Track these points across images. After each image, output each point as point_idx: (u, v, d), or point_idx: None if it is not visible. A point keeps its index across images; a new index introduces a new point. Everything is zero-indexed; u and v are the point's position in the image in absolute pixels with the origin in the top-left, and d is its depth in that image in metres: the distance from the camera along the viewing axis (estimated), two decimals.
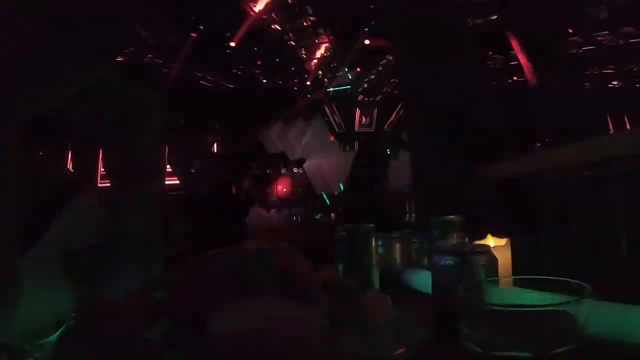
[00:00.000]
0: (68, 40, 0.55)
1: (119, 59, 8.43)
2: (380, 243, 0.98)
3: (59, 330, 0.37)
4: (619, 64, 9.69)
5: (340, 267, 0.80)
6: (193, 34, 7.91)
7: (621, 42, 8.31)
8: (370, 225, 0.82)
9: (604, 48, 8.54)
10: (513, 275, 0.72)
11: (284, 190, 10.91)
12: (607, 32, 7.99)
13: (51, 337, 0.36)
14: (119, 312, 0.32)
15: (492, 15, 6.65)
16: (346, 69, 10.99)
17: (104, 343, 0.30)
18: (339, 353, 0.32)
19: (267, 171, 12.46)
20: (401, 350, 0.39)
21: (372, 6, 6.63)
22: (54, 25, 0.62)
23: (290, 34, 9.05)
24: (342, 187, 7.28)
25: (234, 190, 6.65)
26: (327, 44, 9.64)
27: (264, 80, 11.33)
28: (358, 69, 11.18)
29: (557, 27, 3.75)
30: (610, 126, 10.67)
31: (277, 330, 0.31)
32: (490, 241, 0.81)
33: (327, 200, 7.38)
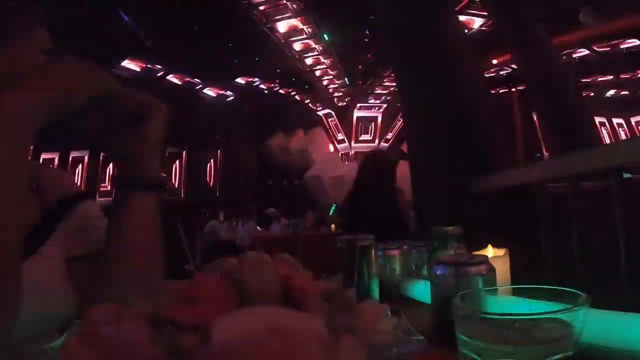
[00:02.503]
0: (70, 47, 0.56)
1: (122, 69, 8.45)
2: (379, 253, 0.98)
3: (63, 336, 0.37)
4: (617, 72, 9.74)
5: (340, 277, 0.81)
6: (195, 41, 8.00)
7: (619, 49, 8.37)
8: (370, 235, 0.83)
9: (602, 56, 8.60)
10: (511, 285, 0.72)
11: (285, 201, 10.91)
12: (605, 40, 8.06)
13: (55, 343, 0.37)
14: (121, 320, 0.33)
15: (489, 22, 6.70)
16: (348, 81, 11.05)
17: (106, 350, 0.31)
18: None
19: (269, 182, 12.46)
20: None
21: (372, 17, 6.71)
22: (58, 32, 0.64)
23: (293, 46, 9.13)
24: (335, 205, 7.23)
25: None
26: (330, 59, 9.72)
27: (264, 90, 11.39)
28: (360, 82, 11.23)
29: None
30: (609, 135, 10.69)
31: (278, 339, 0.31)
32: (489, 251, 0.82)
33: (331, 211, 7.37)
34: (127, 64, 8.97)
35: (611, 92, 10.93)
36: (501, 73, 9.64)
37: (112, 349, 0.30)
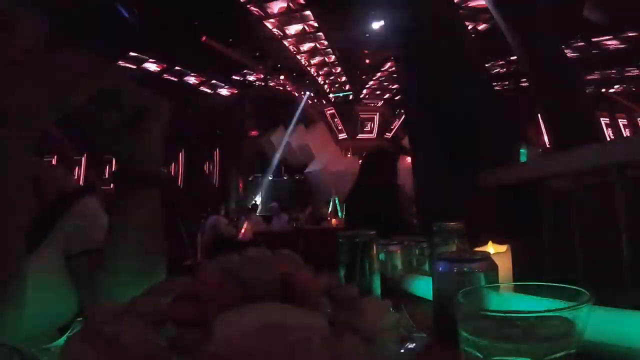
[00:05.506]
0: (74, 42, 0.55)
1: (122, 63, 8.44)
2: (381, 249, 0.98)
3: (66, 335, 0.37)
4: (621, 67, 9.69)
5: (342, 272, 0.81)
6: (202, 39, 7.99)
7: (624, 45, 8.31)
8: (372, 231, 0.82)
9: (606, 51, 8.54)
10: (513, 281, 0.72)
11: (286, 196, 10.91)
12: (610, 35, 8.00)
13: (58, 341, 0.37)
14: (124, 318, 0.33)
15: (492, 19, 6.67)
16: (349, 77, 11.03)
17: (109, 348, 0.31)
18: (340, 359, 0.33)
19: (269, 177, 12.48)
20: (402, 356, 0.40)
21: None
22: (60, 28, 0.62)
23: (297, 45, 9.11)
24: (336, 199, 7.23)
25: None
26: (332, 55, 9.70)
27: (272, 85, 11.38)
28: (363, 77, 11.21)
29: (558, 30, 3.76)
30: (611, 131, 10.65)
31: (280, 335, 0.31)
32: (491, 248, 0.81)
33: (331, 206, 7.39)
34: (124, 62, 8.94)
35: (614, 88, 10.89)
36: (504, 70, 9.60)
37: (114, 347, 0.30)
